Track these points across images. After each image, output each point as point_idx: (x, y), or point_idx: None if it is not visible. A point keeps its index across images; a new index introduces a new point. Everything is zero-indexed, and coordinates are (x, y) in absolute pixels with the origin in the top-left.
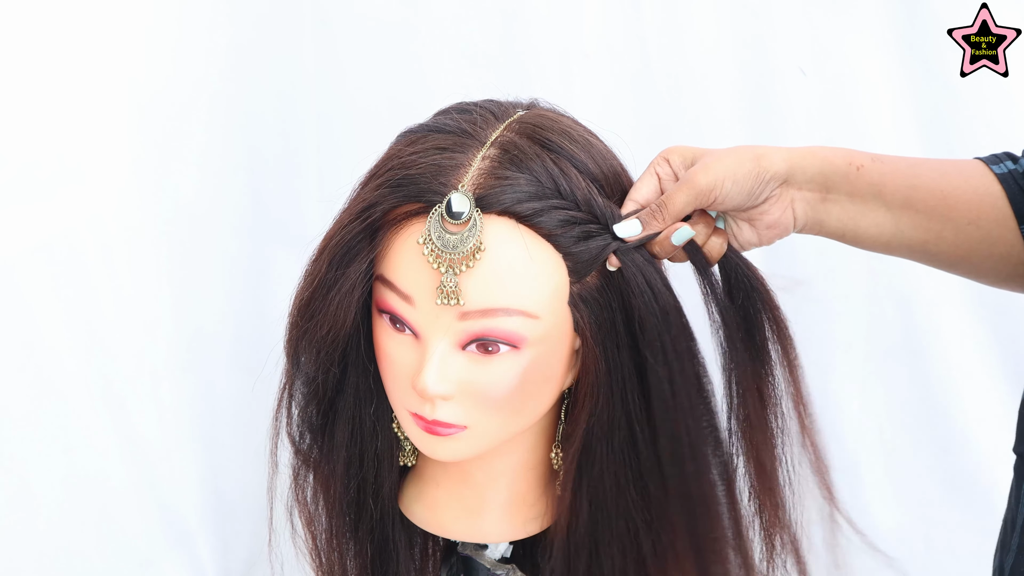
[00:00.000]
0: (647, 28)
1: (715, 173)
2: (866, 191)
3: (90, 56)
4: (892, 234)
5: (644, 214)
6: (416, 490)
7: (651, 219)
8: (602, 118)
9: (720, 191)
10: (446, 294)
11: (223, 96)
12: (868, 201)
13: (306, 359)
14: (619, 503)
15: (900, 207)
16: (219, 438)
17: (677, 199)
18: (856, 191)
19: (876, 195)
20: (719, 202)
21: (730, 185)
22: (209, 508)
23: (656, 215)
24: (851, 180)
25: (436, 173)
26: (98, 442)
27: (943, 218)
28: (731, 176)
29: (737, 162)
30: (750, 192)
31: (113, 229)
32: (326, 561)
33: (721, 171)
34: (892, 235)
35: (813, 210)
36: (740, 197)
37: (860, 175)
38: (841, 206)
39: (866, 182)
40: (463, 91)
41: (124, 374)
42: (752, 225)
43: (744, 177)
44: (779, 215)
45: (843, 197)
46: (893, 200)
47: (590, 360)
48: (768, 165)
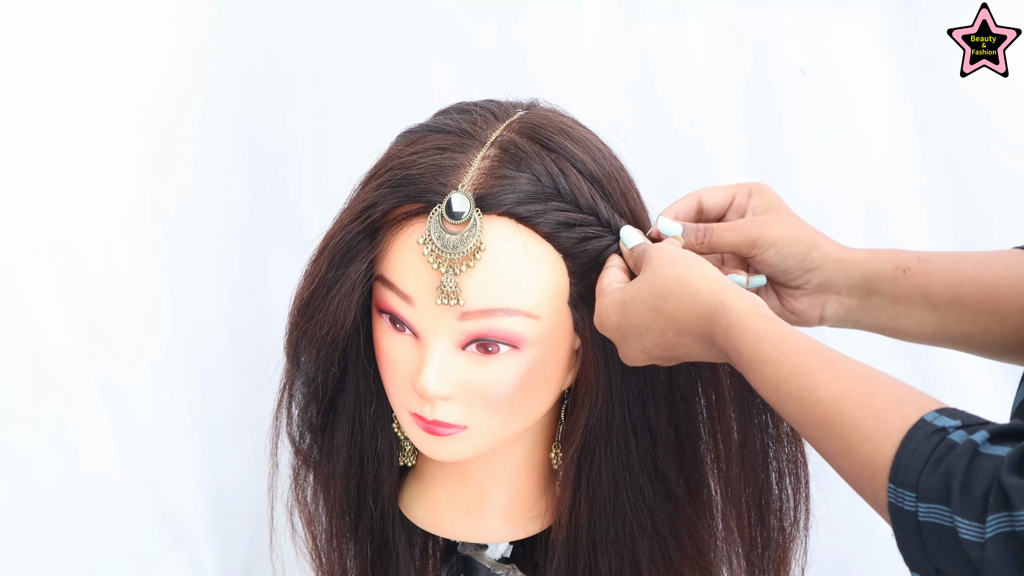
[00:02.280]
0: (646, 28)
1: (769, 234)
2: (912, 292)
3: (91, 57)
4: (936, 330)
5: (691, 227)
6: (416, 490)
7: (694, 234)
8: (601, 118)
9: (762, 253)
10: (446, 294)
11: (222, 96)
12: (914, 303)
13: (306, 359)
14: (617, 503)
15: (947, 306)
16: (219, 438)
17: (723, 237)
18: (902, 294)
19: (922, 296)
20: (756, 261)
21: (774, 253)
22: (209, 508)
23: (699, 235)
24: (897, 284)
25: (436, 173)
26: (98, 442)
27: (990, 311)
28: (780, 247)
29: (793, 238)
30: (788, 271)
31: (113, 229)
32: (326, 561)
33: (775, 235)
34: (935, 331)
35: (850, 313)
36: (777, 269)
37: (907, 278)
38: (883, 308)
39: (912, 284)
40: (463, 91)
41: (125, 374)
42: (779, 300)
43: (790, 255)
44: (806, 308)
45: (887, 300)
46: (939, 300)
47: (590, 360)
48: (818, 257)
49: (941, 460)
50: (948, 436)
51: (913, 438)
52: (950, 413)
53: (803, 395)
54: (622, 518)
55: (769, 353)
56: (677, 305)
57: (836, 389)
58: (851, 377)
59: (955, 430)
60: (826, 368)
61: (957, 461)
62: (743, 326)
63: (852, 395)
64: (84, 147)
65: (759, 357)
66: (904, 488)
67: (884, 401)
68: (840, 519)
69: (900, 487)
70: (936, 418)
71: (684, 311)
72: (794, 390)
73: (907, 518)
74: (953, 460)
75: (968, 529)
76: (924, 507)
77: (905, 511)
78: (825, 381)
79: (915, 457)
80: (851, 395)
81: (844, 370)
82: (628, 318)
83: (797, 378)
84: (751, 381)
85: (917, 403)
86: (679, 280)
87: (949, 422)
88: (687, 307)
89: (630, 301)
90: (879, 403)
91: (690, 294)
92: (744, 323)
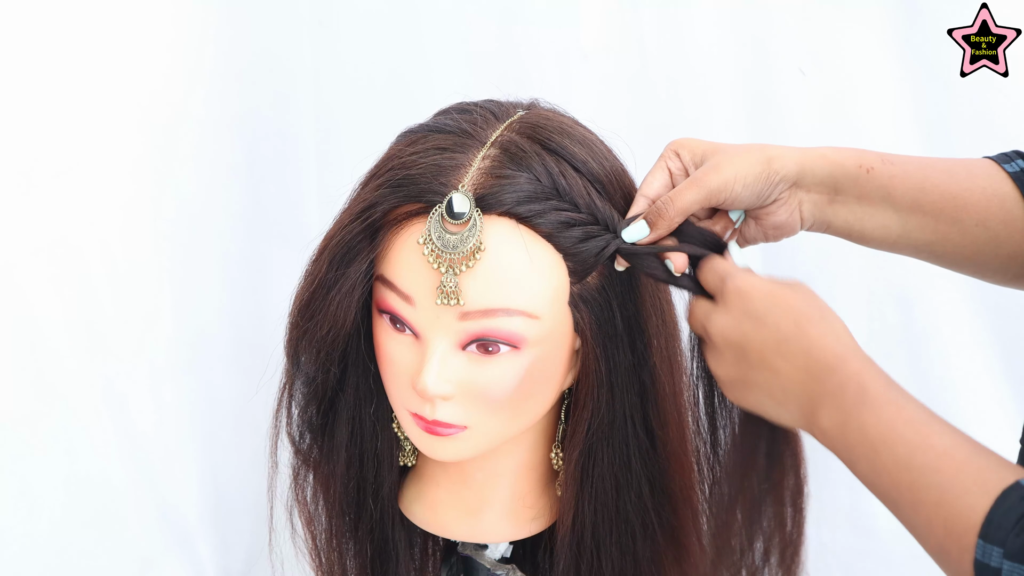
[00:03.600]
0: (646, 28)
1: (725, 174)
2: (875, 194)
3: (91, 58)
4: (899, 235)
5: (650, 211)
6: (416, 490)
7: (657, 217)
8: (601, 118)
9: (729, 192)
10: (446, 294)
11: (222, 96)
12: (876, 203)
13: (306, 359)
14: (618, 504)
15: (908, 209)
16: (219, 438)
17: (685, 196)
18: (865, 194)
19: (885, 198)
20: (727, 203)
21: (740, 187)
22: (209, 508)
23: (663, 212)
24: (860, 183)
25: (436, 173)
26: (99, 442)
27: (951, 220)
28: (741, 178)
29: (748, 164)
30: (759, 194)
31: (114, 230)
32: (326, 561)
33: (731, 172)
34: (899, 236)
35: (820, 211)
36: (749, 199)
37: (870, 178)
38: (849, 208)
39: (875, 185)
40: (463, 91)
41: (125, 374)
42: (758, 223)
43: (754, 180)
44: (786, 217)
45: (851, 199)
46: (901, 203)
47: (590, 360)
48: (779, 168)
49: None
50: None
51: (1008, 498)
52: None
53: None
54: (624, 518)
55: (896, 397)
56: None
57: (949, 441)
58: (965, 438)
59: None
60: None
61: None
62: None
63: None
64: (84, 147)
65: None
66: (992, 543)
67: (989, 462)
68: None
69: (989, 543)
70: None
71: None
72: (910, 433)
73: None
74: None
75: None
76: (1008, 565)
77: (991, 567)
78: (940, 433)
79: (1008, 515)
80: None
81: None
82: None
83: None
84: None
85: (1017, 470)
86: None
87: None
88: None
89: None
90: (984, 463)
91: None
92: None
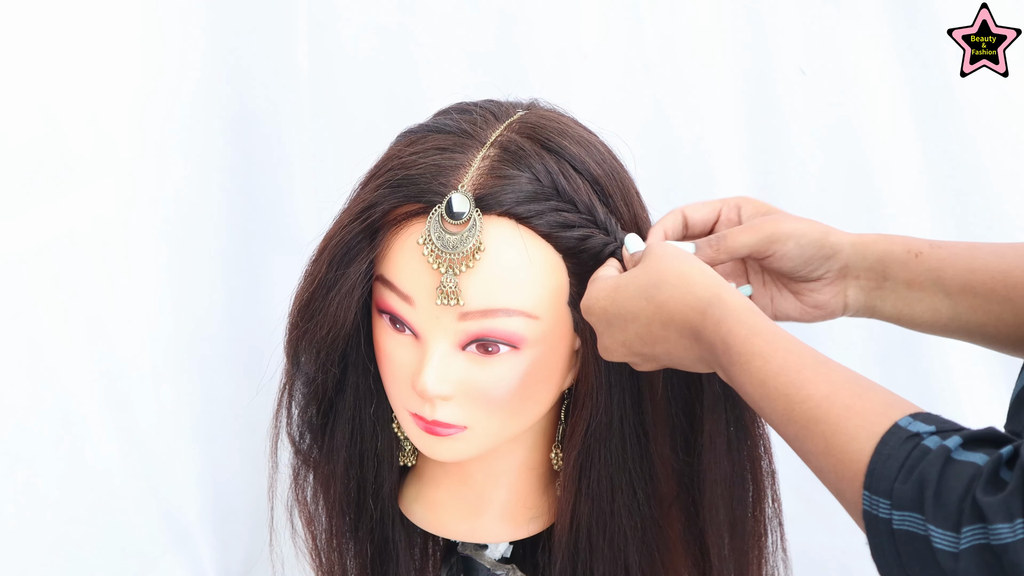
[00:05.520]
0: (646, 29)
1: (784, 227)
2: (924, 277)
3: (90, 59)
4: (949, 318)
5: (702, 241)
6: (416, 490)
7: (706, 247)
8: (601, 118)
9: (781, 246)
10: (446, 294)
11: (220, 98)
12: (926, 288)
13: (306, 359)
14: (615, 505)
15: (959, 292)
16: (219, 438)
17: (738, 238)
18: (914, 278)
19: (935, 281)
20: (776, 258)
21: (793, 245)
22: (209, 508)
23: (712, 245)
24: (910, 267)
25: (436, 173)
26: (100, 442)
27: (1002, 299)
28: (797, 236)
29: (808, 227)
30: (808, 261)
31: (114, 230)
32: (326, 561)
33: (790, 228)
34: (949, 319)
35: (867, 297)
36: (798, 261)
37: (919, 262)
38: (898, 293)
39: (925, 268)
40: (462, 91)
41: (126, 374)
42: (798, 299)
43: (809, 244)
44: (829, 298)
45: (901, 285)
46: (951, 285)
47: (590, 360)
48: (835, 241)
49: (915, 467)
50: (922, 442)
51: (887, 444)
52: (924, 418)
53: (791, 391)
54: (618, 520)
55: (760, 348)
56: (671, 295)
57: (825, 388)
58: (841, 378)
59: (929, 435)
60: (817, 367)
61: (930, 468)
62: (736, 319)
63: (841, 395)
64: (86, 149)
65: (749, 351)
66: (878, 495)
67: (872, 403)
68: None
69: (875, 494)
70: (910, 423)
71: (677, 301)
72: (782, 386)
73: (881, 525)
74: (926, 467)
75: (942, 539)
76: (898, 515)
77: (880, 518)
78: (815, 379)
79: (889, 463)
80: (840, 395)
81: (834, 371)
82: (617, 304)
83: (787, 374)
84: (736, 376)
85: (904, 408)
86: (678, 272)
87: (923, 427)
88: (680, 298)
89: (623, 287)
90: (867, 404)
91: (686, 285)
92: (738, 316)
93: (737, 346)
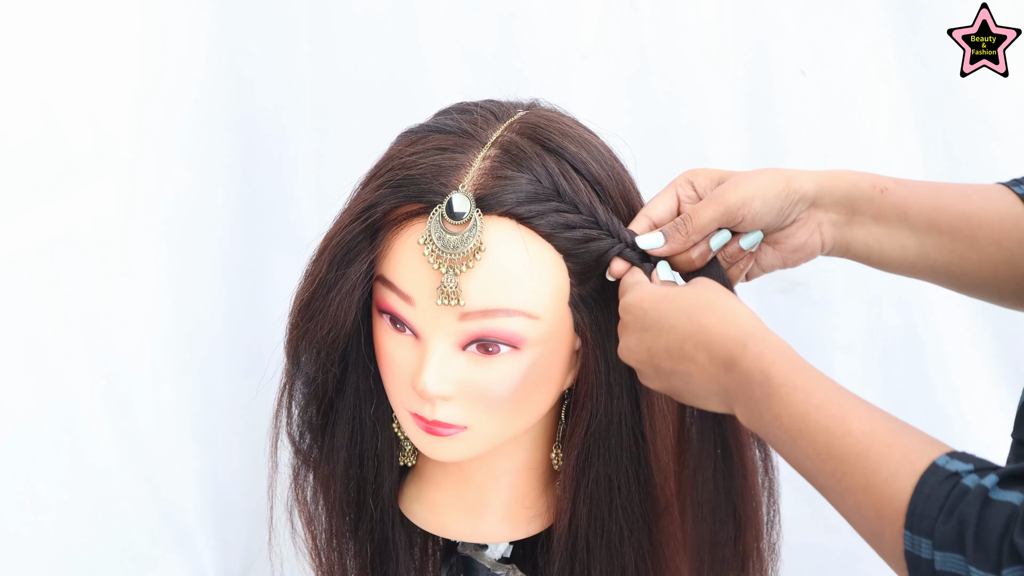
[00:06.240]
0: (645, 29)
1: (744, 191)
2: (891, 213)
3: (91, 59)
4: (917, 256)
5: (668, 227)
6: (416, 490)
7: (674, 232)
8: (601, 118)
9: (749, 209)
10: (446, 294)
11: (221, 97)
12: (893, 223)
13: (306, 359)
14: (612, 506)
15: (924, 229)
16: (219, 438)
17: (704, 214)
18: (881, 213)
19: (901, 217)
20: (747, 221)
21: (759, 204)
22: (209, 508)
23: (680, 228)
24: (876, 202)
25: (437, 173)
26: (100, 442)
27: (967, 239)
28: (760, 195)
29: (767, 182)
30: (779, 212)
31: (114, 230)
32: (326, 561)
33: (751, 190)
34: (917, 257)
35: (840, 232)
36: (769, 217)
37: (885, 197)
38: (867, 228)
39: (891, 204)
40: (463, 91)
41: (126, 374)
42: (776, 248)
43: (774, 197)
44: (806, 238)
45: (868, 220)
46: (917, 222)
47: (590, 361)
48: (797, 186)
49: (955, 507)
50: (961, 480)
51: (926, 483)
52: (961, 457)
53: (833, 425)
54: (616, 521)
55: (803, 382)
56: (716, 321)
57: (867, 424)
58: (881, 417)
59: (967, 474)
60: (857, 406)
61: (969, 509)
62: (780, 354)
63: (882, 432)
64: (86, 149)
65: (792, 383)
66: (920, 535)
67: (911, 441)
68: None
69: (916, 534)
70: (948, 462)
71: (719, 328)
72: (824, 419)
73: (924, 566)
74: (965, 508)
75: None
76: (940, 555)
77: (922, 559)
78: (856, 416)
79: (930, 503)
80: (881, 432)
81: (874, 411)
82: (659, 311)
83: (829, 408)
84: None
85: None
86: (729, 305)
87: (961, 466)
88: (724, 326)
89: (671, 298)
90: (907, 442)
91: (733, 317)
92: (781, 352)
93: (779, 378)
